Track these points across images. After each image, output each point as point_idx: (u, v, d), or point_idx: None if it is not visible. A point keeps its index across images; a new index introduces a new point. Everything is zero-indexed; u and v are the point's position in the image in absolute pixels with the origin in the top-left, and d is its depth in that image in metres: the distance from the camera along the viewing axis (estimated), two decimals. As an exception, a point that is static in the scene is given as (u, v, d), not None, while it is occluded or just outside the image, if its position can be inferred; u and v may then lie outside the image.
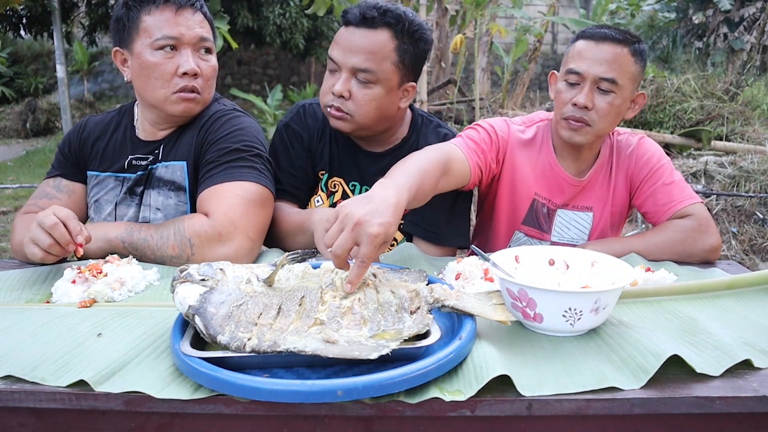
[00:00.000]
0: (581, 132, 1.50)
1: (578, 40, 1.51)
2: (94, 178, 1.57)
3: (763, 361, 0.89)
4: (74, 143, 1.59)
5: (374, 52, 1.44)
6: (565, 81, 1.50)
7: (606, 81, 1.45)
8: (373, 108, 1.49)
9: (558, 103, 1.53)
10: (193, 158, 1.48)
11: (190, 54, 1.43)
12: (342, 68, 1.46)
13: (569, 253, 1.12)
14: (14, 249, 1.48)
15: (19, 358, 0.86)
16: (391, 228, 0.98)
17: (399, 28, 1.45)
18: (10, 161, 8.05)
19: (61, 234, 1.20)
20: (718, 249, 1.48)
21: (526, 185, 1.63)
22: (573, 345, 0.94)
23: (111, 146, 1.56)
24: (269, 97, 9.35)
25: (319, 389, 0.74)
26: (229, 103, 1.58)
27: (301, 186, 1.62)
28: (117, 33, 1.47)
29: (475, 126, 1.61)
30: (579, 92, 1.47)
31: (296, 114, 1.67)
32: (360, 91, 1.46)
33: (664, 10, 11.06)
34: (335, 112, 1.50)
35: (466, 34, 7.35)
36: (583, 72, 1.46)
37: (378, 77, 1.46)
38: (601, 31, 1.48)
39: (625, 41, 1.46)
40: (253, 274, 0.99)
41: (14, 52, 12.14)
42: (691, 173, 4.70)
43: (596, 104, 1.47)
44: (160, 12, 1.41)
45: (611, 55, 1.45)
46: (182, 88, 1.43)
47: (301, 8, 8.73)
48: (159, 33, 1.40)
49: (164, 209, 1.49)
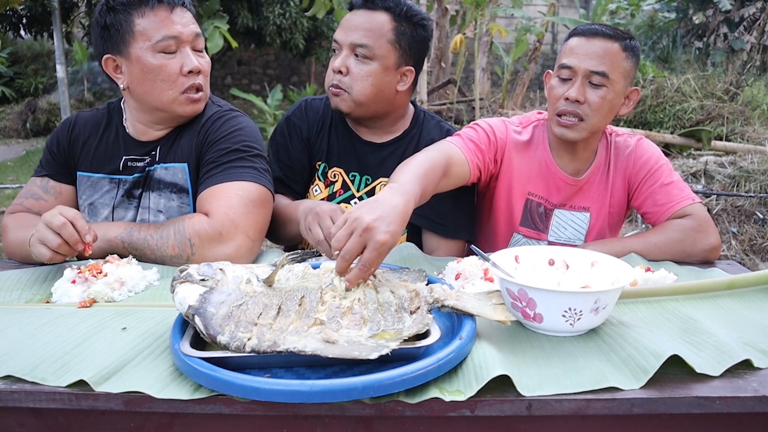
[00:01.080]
0: (574, 129, 1.51)
1: (571, 37, 1.53)
2: (86, 180, 1.53)
3: (763, 361, 0.89)
4: (63, 142, 1.54)
5: (372, 29, 1.51)
6: (558, 77, 1.52)
7: (597, 75, 1.46)
8: (369, 84, 1.54)
9: (551, 99, 1.54)
10: (194, 160, 1.47)
11: (189, 52, 1.43)
12: (342, 46, 1.54)
13: (569, 253, 1.12)
14: (8, 249, 1.46)
15: (19, 358, 0.86)
16: (397, 236, 1.01)
17: (397, 11, 1.53)
18: (10, 161, 8.05)
19: (69, 234, 1.20)
20: (717, 248, 1.48)
21: (521, 186, 1.63)
22: (573, 345, 0.94)
23: (102, 146, 1.53)
24: (269, 97, 9.35)
25: (319, 389, 0.74)
26: (223, 102, 1.59)
27: (296, 178, 1.66)
28: (105, 40, 1.41)
29: (474, 126, 1.62)
30: (571, 86, 1.49)
31: (298, 108, 1.72)
32: (357, 66, 1.53)
33: (664, 10, 11.06)
34: (334, 89, 1.56)
35: (466, 34, 7.36)
36: (575, 66, 1.48)
37: (374, 53, 1.52)
38: (593, 27, 1.50)
39: (616, 36, 1.47)
40: (253, 274, 0.99)
41: (14, 52, 12.14)
42: (691, 173, 4.70)
43: (588, 98, 1.48)
44: (155, 13, 1.38)
45: (602, 50, 1.46)
46: (189, 87, 1.43)
47: (301, 9, 8.73)
48: (158, 34, 1.38)
49: (167, 211, 1.49)
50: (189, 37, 1.42)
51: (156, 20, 1.38)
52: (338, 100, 1.57)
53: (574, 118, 1.49)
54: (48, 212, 1.23)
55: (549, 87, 1.55)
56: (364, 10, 1.53)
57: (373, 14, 1.52)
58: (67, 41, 10.55)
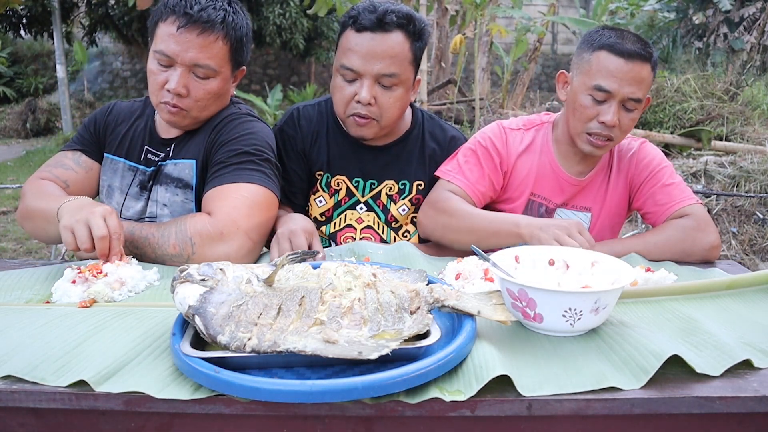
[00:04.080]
0: (604, 148, 1.53)
1: (603, 50, 1.46)
2: (110, 162, 1.58)
3: (763, 361, 0.89)
4: (100, 122, 1.60)
5: (395, 56, 1.47)
6: (591, 96, 1.48)
7: (633, 101, 1.47)
8: (396, 109, 1.54)
9: (582, 117, 1.50)
10: (203, 158, 1.48)
11: (180, 73, 1.40)
12: (364, 75, 1.48)
13: (569, 253, 1.12)
14: (22, 213, 1.46)
15: (19, 358, 0.86)
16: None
17: (410, 28, 1.49)
18: (10, 161, 8.05)
19: (103, 247, 1.20)
20: (717, 247, 1.49)
21: (524, 187, 1.64)
22: (573, 345, 0.94)
23: (131, 133, 1.58)
24: (269, 97, 9.36)
25: (319, 389, 0.74)
26: (244, 107, 1.59)
27: (294, 190, 1.64)
28: (149, 29, 1.50)
29: (474, 149, 1.62)
30: (606, 110, 1.46)
31: (289, 118, 1.68)
32: (384, 95, 1.50)
33: (664, 10, 11.06)
34: (360, 120, 1.52)
35: (466, 34, 7.36)
36: (613, 91, 1.45)
37: (401, 79, 1.50)
38: (629, 48, 1.44)
39: (648, 56, 1.45)
40: (253, 274, 0.99)
41: (14, 52, 12.14)
42: (691, 173, 4.70)
43: (621, 121, 1.48)
44: (168, 25, 1.40)
45: (639, 75, 1.45)
46: (166, 102, 1.43)
47: (301, 8, 8.73)
48: (158, 45, 1.41)
49: (171, 205, 1.51)
50: (185, 61, 1.40)
51: (165, 32, 1.41)
52: (364, 130, 1.54)
53: (605, 139, 1.50)
54: (94, 211, 1.22)
55: (580, 105, 1.50)
56: (380, 33, 1.46)
57: (389, 36, 1.46)
58: (67, 41, 10.56)
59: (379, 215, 1.67)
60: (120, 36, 10.63)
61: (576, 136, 1.54)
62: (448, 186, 1.58)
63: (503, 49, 8.60)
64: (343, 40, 1.51)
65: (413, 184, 1.67)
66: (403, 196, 1.67)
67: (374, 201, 1.67)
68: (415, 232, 1.68)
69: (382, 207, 1.67)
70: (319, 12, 6.36)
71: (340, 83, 1.52)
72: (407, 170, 1.67)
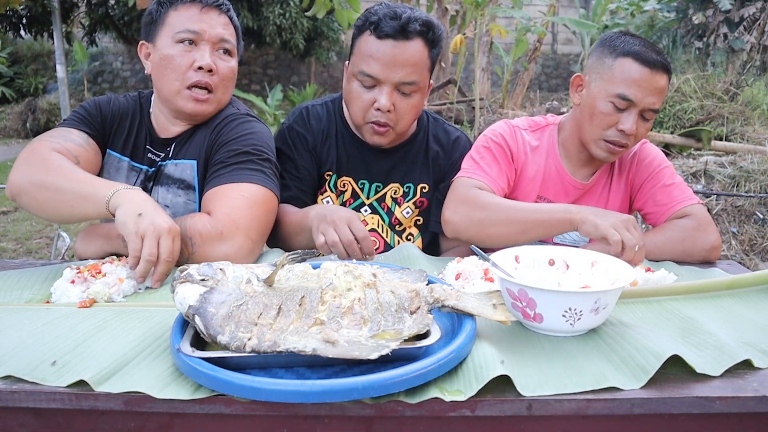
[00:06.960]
0: (617, 154, 1.53)
1: (628, 57, 1.44)
2: (115, 160, 1.55)
3: (763, 361, 0.89)
4: (105, 111, 1.54)
5: (416, 64, 1.47)
6: (612, 103, 1.46)
7: (652, 111, 1.47)
8: (413, 114, 1.54)
9: (600, 123, 1.49)
10: (204, 158, 1.49)
11: (208, 51, 1.45)
12: (384, 83, 1.47)
13: (569, 253, 1.12)
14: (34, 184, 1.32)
15: (19, 358, 0.86)
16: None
17: (429, 36, 1.48)
18: (10, 161, 8.04)
19: (145, 270, 1.17)
20: (717, 248, 1.48)
21: (531, 188, 1.64)
22: (573, 345, 0.94)
23: (132, 132, 1.57)
24: (269, 97, 9.36)
25: (319, 389, 0.74)
26: (242, 107, 1.59)
27: (304, 188, 1.63)
28: (145, 27, 1.51)
29: (488, 144, 1.61)
30: (626, 118, 1.46)
31: (299, 116, 1.67)
32: (402, 102, 1.50)
33: (664, 10, 11.05)
34: (379, 128, 1.52)
35: (466, 34, 7.36)
36: (637, 101, 1.44)
37: (419, 86, 1.50)
38: (654, 57, 1.43)
39: (668, 67, 1.46)
40: (253, 274, 0.99)
41: (14, 52, 12.15)
42: (691, 173, 4.70)
43: (638, 130, 1.48)
44: (186, 8, 1.45)
45: (660, 86, 1.45)
46: (195, 83, 1.44)
47: (301, 8, 8.73)
48: (181, 26, 1.44)
49: (173, 207, 1.50)
50: (212, 37, 1.45)
51: (185, 15, 1.44)
52: (382, 138, 1.54)
53: (620, 146, 1.50)
54: (154, 229, 1.19)
55: (600, 112, 1.48)
56: (401, 41, 1.44)
57: (410, 44, 1.45)
58: (67, 41, 10.56)
59: (383, 218, 1.67)
60: (120, 36, 10.64)
61: (591, 141, 1.53)
62: (471, 182, 1.53)
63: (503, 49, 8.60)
64: (362, 45, 1.48)
65: (417, 187, 1.67)
66: (407, 199, 1.67)
67: (379, 204, 1.67)
68: (418, 236, 1.68)
69: (386, 210, 1.67)
70: (318, 13, 6.36)
71: (358, 89, 1.50)
72: (412, 173, 1.67)
